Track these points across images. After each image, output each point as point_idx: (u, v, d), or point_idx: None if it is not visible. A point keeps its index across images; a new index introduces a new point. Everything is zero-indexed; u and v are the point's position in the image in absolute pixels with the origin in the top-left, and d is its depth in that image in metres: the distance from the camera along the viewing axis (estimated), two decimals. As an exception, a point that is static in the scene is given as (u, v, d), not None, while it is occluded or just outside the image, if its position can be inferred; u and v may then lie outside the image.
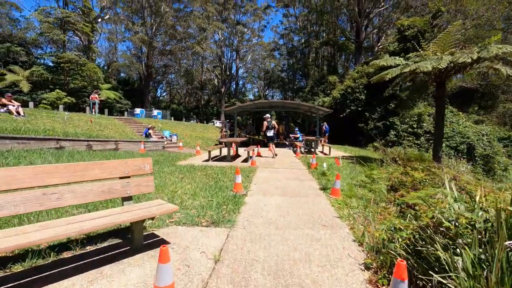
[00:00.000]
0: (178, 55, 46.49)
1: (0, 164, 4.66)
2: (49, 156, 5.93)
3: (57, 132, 9.48)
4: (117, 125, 14.99)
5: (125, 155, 8.14)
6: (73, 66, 25.01)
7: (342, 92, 22.01)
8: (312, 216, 3.96)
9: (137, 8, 40.80)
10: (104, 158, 7.03)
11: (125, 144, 11.83)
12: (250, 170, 7.58)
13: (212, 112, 65.82)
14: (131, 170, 3.12)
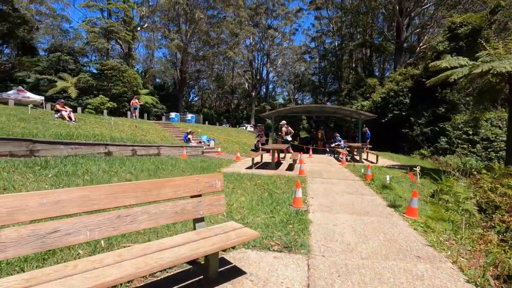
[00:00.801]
0: (210, 60, 47.36)
1: (61, 172, 4.63)
2: (103, 163, 5.91)
3: (105, 137, 9.69)
4: (157, 130, 15.27)
5: (170, 161, 8.05)
6: (115, 73, 26.26)
7: (384, 95, 20.77)
8: (397, 243, 3.38)
9: (173, 16, 42.28)
10: (152, 164, 6.94)
11: (167, 149, 11.89)
12: (300, 180, 7.08)
13: (242, 116, 66.20)
14: (203, 187, 2.80)
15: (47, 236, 1.88)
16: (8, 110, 9.79)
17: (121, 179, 5.27)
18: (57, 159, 5.34)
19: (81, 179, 4.73)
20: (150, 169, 6.48)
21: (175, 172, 6.78)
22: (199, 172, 7.31)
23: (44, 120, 9.77)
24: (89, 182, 4.69)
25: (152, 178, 5.85)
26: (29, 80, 28.94)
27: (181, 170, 7.19)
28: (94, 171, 5.31)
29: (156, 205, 2.46)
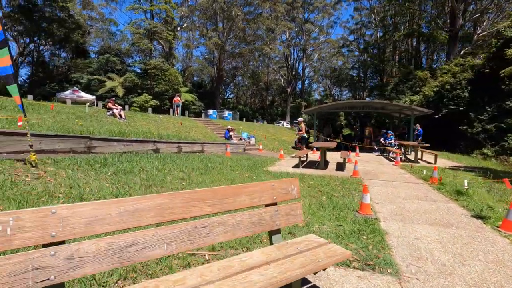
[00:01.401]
0: (247, 57, 47.40)
1: (119, 170, 4.62)
2: (155, 161, 5.91)
3: (153, 134, 9.90)
4: (199, 127, 15.44)
5: (217, 159, 7.92)
6: (158, 72, 27.26)
7: (437, 89, 18.92)
8: (507, 267, 2.77)
9: (211, 15, 42.88)
10: (200, 162, 6.84)
11: (210, 146, 11.90)
12: (355, 182, 6.52)
13: (277, 112, 65.61)
14: (278, 194, 2.47)
15: (124, 250, 1.66)
16: (67, 109, 10.45)
17: (174, 177, 5.18)
18: (114, 157, 5.41)
19: (138, 177, 4.70)
20: (200, 167, 6.37)
21: (224, 170, 6.60)
22: (248, 171, 7.07)
23: (98, 117, 10.25)
24: (146, 180, 4.63)
25: (204, 176, 5.71)
26: (82, 81, 31.23)
27: (230, 168, 7.01)
28: (148, 169, 5.29)
29: (232, 214, 2.17)
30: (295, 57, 57.26)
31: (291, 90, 55.93)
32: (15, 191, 3.06)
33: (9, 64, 3.66)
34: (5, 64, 3.63)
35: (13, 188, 3.14)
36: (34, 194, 3.15)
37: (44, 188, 3.35)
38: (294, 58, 57.23)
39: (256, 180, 6.06)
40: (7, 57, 3.62)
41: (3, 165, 3.70)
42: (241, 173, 6.69)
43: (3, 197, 2.86)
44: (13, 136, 5.62)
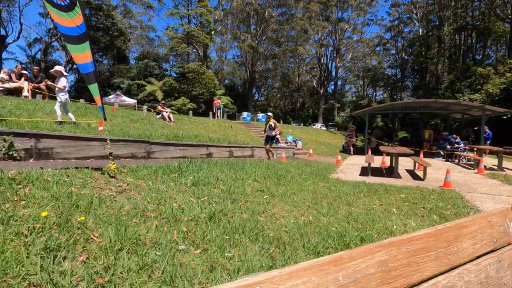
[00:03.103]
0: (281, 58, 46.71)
1: (197, 180, 4.04)
2: (225, 168, 5.32)
3: (204, 137, 9.45)
4: (242, 130, 14.94)
5: (279, 165, 7.22)
6: (195, 75, 27.40)
7: (504, 86, 16.83)
8: None
9: (244, 18, 42.81)
10: (265, 168, 6.15)
11: (259, 150, 11.27)
12: (453, 196, 5.45)
13: (308, 114, 64.21)
14: (497, 234, 1.64)
15: None
16: (120, 112, 10.37)
17: (254, 189, 4.53)
18: (183, 164, 4.90)
19: (217, 188, 4.11)
20: (270, 176, 5.69)
21: (296, 179, 5.87)
22: (319, 180, 6.28)
23: (150, 121, 10.05)
24: (227, 192, 4.02)
25: (281, 187, 5.02)
26: (123, 86, 32.38)
27: (299, 176, 6.26)
28: (222, 178, 4.70)
29: (458, 271, 1.40)
30: (328, 57, 55.65)
31: (323, 91, 54.26)
32: (105, 211, 2.54)
33: (90, 60, 3.22)
34: (86, 60, 3.19)
35: (101, 205, 2.62)
36: (124, 213, 2.61)
37: (133, 206, 2.81)
38: (327, 59, 55.62)
39: (337, 192, 5.25)
40: (87, 53, 3.19)
41: (83, 175, 3.25)
42: (315, 183, 5.91)
43: (96, 219, 2.32)
44: (80, 141, 5.34)
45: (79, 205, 2.48)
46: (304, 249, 2.87)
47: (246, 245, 2.71)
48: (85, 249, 1.99)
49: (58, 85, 6.46)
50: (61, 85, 6.45)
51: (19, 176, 2.70)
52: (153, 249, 2.25)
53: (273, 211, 3.76)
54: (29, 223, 2.04)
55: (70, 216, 2.28)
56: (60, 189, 2.67)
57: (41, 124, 5.27)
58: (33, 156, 4.54)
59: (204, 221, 2.93)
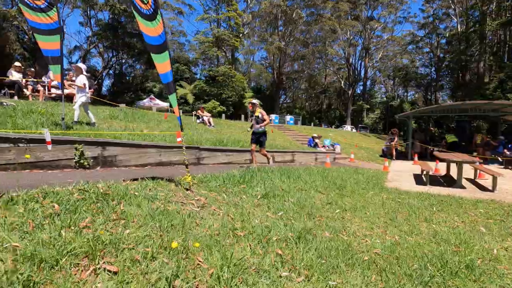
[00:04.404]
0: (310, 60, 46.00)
1: (268, 192, 3.84)
2: (283, 177, 5.08)
3: (246, 142, 9.30)
4: (277, 133, 14.68)
5: (332, 173, 6.88)
6: (225, 78, 27.59)
7: None
8: None
9: (271, 20, 42.65)
10: (319, 175, 5.84)
11: (300, 155, 10.97)
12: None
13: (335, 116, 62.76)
14: None
15: None
16: (159, 116, 10.51)
17: (323, 202, 4.25)
18: (244, 174, 4.73)
19: (288, 201, 3.88)
20: (329, 186, 5.39)
21: (356, 189, 5.51)
22: (375, 189, 5.87)
23: (191, 126, 10.09)
24: (298, 206, 3.79)
25: (347, 199, 4.70)
26: (155, 89, 33.35)
27: (357, 185, 5.88)
28: (286, 189, 4.48)
29: None
30: (357, 57, 54.03)
31: (352, 92, 52.66)
32: (199, 231, 2.39)
33: (169, 69, 3.13)
34: (166, 70, 3.11)
35: (193, 224, 2.48)
36: (216, 233, 2.45)
37: (220, 224, 2.65)
38: (355, 59, 54.01)
39: (406, 206, 4.82)
40: (167, 62, 3.10)
41: (161, 187, 3.15)
42: (377, 194, 5.52)
43: (195, 240, 2.16)
44: (139, 148, 5.36)
45: (174, 224, 2.34)
46: (407, 277, 2.55)
47: (345, 272, 2.45)
48: (196, 278, 1.83)
49: (77, 82, 6.12)
50: (80, 83, 6.08)
51: (109, 191, 2.63)
52: (259, 276, 2.06)
53: (352, 229, 3.46)
54: (138, 247, 1.91)
55: (169, 237, 2.14)
56: (150, 206, 2.56)
57: (103, 132, 5.34)
58: (100, 164, 4.58)
59: (293, 241, 2.71)
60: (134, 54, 33.31)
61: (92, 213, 2.15)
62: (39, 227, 1.80)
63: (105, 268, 1.64)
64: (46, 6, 4.25)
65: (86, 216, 2.08)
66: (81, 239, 1.78)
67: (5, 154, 3.48)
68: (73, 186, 2.55)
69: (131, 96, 33.42)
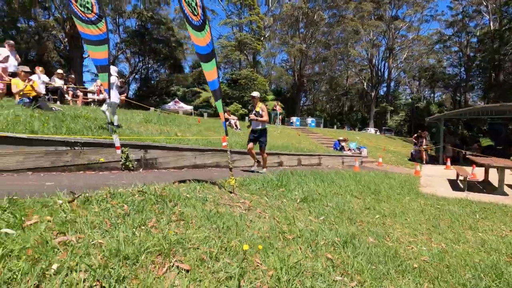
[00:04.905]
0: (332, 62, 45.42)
1: (303, 196, 3.88)
2: (317, 180, 5.08)
3: (272, 146, 9.36)
4: (302, 136, 14.61)
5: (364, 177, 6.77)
6: (247, 81, 27.86)
7: None
8: None
9: (292, 22, 42.57)
10: (352, 180, 5.78)
11: (326, 158, 10.87)
12: None
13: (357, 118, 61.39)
14: None
15: None
16: (190, 120, 10.80)
17: (361, 207, 4.23)
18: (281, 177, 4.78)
19: (327, 206, 3.89)
20: (363, 190, 5.32)
21: (391, 194, 5.40)
22: (411, 195, 5.72)
23: (219, 129, 10.28)
24: (337, 210, 3.79)
25: (384, 204, 4.63)
26: (179, 93, 34.25)
27: (391, 190, 5.76)
28: (322, 193, 4.49)
29: None
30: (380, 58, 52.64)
31: (375, 93, 51.27)
32: (251, 233, 2.46)
33: (216, 77, 3.27)
34: (214, 77, 3.24)
35: (244, 226, 2.56)
36: (266, 235, 2.52)
37: (269, 227, 2.72)
38: (379, 59, 52.64)
39: (447, 212, 4.66)
40: (214, 70, 3.23)
41: (208, 190, 3.27)
42: (413, 199, 5.38)
43: (251, 243, 2.24)
44: (177, 151, 5.57)
45: (228, 226, 2.44)
46: (461, 287, 2.49)
47: (396, 278, 2.43)
48: (258, 279, 1.91)
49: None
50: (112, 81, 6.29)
51: (164, 192, 2.77)
52: (315, 279, 2.10)
53: (395, 235, 3.42)
54: (202, 246, 2.02)
55: (227, 238, 2.24)
56: (203, 207, 2.68)
57: (142, 135, 5.60)
58: (142, 166, 4.82)
59: (340, 246, 2.73)
60: (159, 59, 34.44)
61: (155, 214, 2.29)
62: (115, 226, 1.95)
63: (178, 266, 1.75)
64: (96, 19, 4.55)
65: (151, 216, 2.22)
66: (152, 238, 1.91)
67: (63, 157, 3.76)
68: (132, 188, 2.72)
69: (155, 99, 34.55)
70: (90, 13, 4.52)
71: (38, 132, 3.84)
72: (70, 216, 1.90)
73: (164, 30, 29.29)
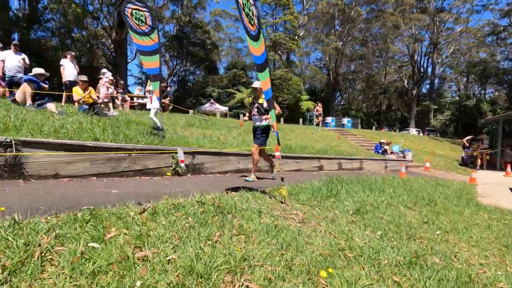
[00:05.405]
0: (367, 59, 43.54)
1: (355, 207, 3.69)
2: (365, 189, 4.83)
3: (312, 148, 9.17)
4: (341, 139, 14.15)
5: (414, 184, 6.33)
6: (281, 82, 27.71)
7: None
8: None
9: (327, 19, 41.49)
10: (401, 188, 5.41)
11: (368, 162, 10.40)
12: None
13: (396, 117, 58.17)
14: None
15: None
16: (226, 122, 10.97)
17: (418, 221, 3.94)
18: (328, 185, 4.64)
19: (380, 218, 3.69)
20: (417, 201, 4.97)
21: (450, 207, 4.98)
22: (471, 207, 5.22)
23: (257, 131, 10.32)
24: (393, 224, 3.56)
25: (443, 218, 4.28)
26: (214, 94, 35.07)
27: (449, 202, 5.32)
28: (373, 203, 4.26)
29: None
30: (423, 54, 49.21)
31: (416, 91, 48.07)
32: (312, 250, 2.38)
33: (269, 87, 3.25)
34: (267, 87, 3.23)
35: (302, 241, 2.49)
36: (327, 252, 2.43)
37: (327, 242, 2.62)
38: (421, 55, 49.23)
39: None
40: (268, 79, 3.22)
41: (260, 200, 3.25)
42: (474, 212, 4.91)
43: (315, 262, 2.16)
44: (222, 156, 5.67)
45: (287, 241, 2.39)
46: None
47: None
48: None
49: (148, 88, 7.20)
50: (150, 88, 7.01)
51: (220, 203, 2.80)
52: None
53: (463, 255, 3.12)
54: (266, 264, 1.99)
55: (289, 256, 2.18)
56: (260, 220, 2.66)
57: (189, 140, 5.78)
58: (190, 171, 4.96)
59: (404, 267, 2.54)
60: (195, 62, 35.56)
61: (217, 227, 2.31)
62: (183, 241, 1.99)
63: (248, 286, 1.74)
64: (149, 30, 4.79)
65: (214, 230, 2.24)
66: (220, 254, 1.92)
67: (121, 163, 3.99)
68: (191, 198, 2.79)
69: (191, 101, 35.74)
70: (144, 25, 4.75)
71: (100, 139, 4.11)
72: (143, 229, 1.97)
73: (201, 34, 30.20)
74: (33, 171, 3.22)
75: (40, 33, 23.25)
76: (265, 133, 5.13)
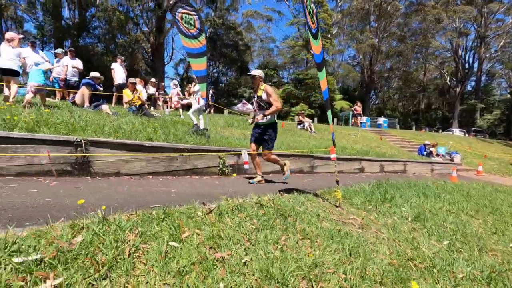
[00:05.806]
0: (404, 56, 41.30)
1: (414, 213, 3.46)
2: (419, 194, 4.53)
3: (352, 150, 8.85)
4: (381, 140, 13.52)
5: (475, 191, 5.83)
6: (314, 81, 27.20)
7: None
8: None
9: (362, 16, 39.98)
10: (460, 197, 4.98)
11: (412, 165, 9.84)
12: None
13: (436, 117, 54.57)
14: None
15: None
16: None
17: (486, 232, 3.61)
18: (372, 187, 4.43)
19: (443, 226, 3.42)
20: (479, 209, 4.56)
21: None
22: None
23: (294, 132, 10.20)
24: (460, 235, 3.28)
25: None
26: (245, 94, 35.38)
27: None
28: (431, 209, 3.97)
29: None
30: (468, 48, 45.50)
31: (460, 89, 44.59)
32: (377, 259, 2.25)
33: (327, 86, 3.16)
34: (325, 87, 3.14)
35: (368, 249, 2.36)
36: (396, 262, 2.28)
37: (395, 251, 2.47)
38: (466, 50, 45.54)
39: None
40: (325, 79, 3.14)
41: (314, 203, 3.16)
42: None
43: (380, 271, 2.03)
44: (265, 157, 5.66)
45: (354, 248, 2.28)
46: None
47: None
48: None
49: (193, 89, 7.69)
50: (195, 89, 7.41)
51: (279, 206, 2.76)
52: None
53: (547, 272, 2.78)
54: (338, 272, 1.90)
55: (358, 264, 2.07)
56: (321, 225, 2.58)
57: (231, 141, 5.83)
58: (235, 171, 5.00)
59: (484, 282, 2.32)
60: (228, 63, 36.14)
61: (281, 230, 2.27)
62: (252, 243, 1.97)
63: (325, 294, 1.67)
64: (197, 33, 4.91)
65: (279, 233, 2.20)
66: (291, 259, 1.87)
67: (174, 162, 4.12)
68: (249, 199, 2.77)
69: (224, 101, 36.38)
70: (193, 28, 4.88)
71: (153, 139, 4.28)
72: (213, 230, 1.98)
73: (233, 35, 30.63)
74: (98, 169, 3.42)
75: (88, 40, 25.12)
76: (273, 132, 4.20)
